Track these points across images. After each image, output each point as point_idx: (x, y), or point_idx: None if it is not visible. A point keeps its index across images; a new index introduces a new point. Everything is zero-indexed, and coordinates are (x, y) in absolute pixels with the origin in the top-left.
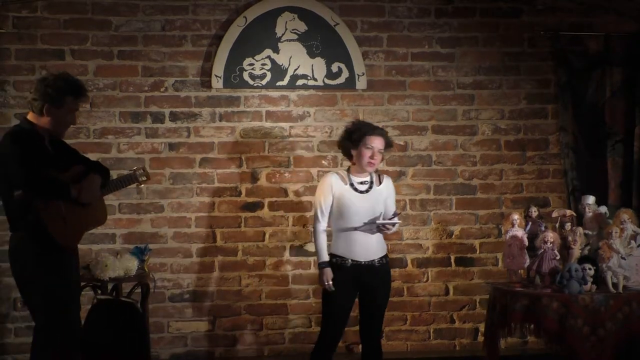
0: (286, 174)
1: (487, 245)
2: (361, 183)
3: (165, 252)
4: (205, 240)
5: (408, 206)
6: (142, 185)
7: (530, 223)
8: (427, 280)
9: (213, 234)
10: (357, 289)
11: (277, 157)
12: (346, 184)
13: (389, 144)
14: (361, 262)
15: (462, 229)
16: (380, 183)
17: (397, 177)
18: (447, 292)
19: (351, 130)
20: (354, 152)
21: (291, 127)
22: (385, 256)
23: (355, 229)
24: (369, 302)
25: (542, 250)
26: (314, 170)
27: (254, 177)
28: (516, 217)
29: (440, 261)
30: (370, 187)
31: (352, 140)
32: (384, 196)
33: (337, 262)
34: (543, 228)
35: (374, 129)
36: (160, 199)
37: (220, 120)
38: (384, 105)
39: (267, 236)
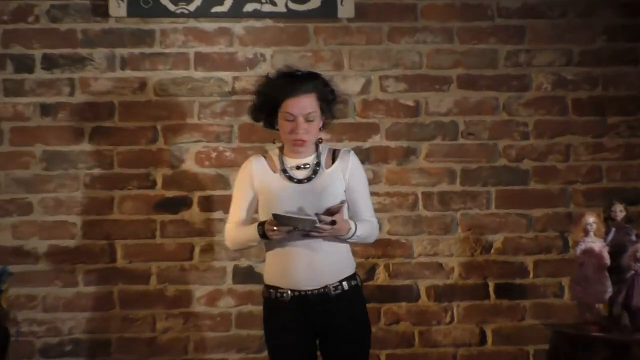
0: (227, 153)
1: (545, 264)
2: (298, 167)
3: (34, 277)
4: (99, 259)
5: (420, 203)
6: None
7: (613, 230)
8: (451, 321)
9: (111, 248)
10: (313, 336)
11: (214, 126)
12: (276, 171)
13: (327, 97)
14: (306, 291)
15: (507, 240)
16: (332, 162)
17: (402, 157)
18: (483, 340)
19: (261, 93)
20: (274, 129)
21: (236, 78)
22: (353, 277)
23: (293, 240)
24: (330, 356)
25: (633, 272)
26: (273, 148)
27: (176, 159)
28: (592, 220)
29: (471, 290)
30: (315, 172)
31: (265, 110)
32: (340, 183)
33: (270, 297)
34: (634, 237)
35: (293, 84)
36: (27, 193)
37: (122, 69)
38: (383, 43)
39: (196, 252)
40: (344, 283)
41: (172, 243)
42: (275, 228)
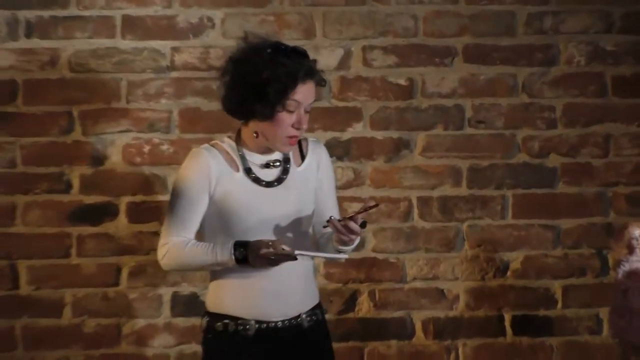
0: (164, 147)
1: (578, 291)
2: (267, 165)
3: None
4: None
5: (415, 212)
6: None
7: None
8: None
9: (12, 270)
10: None
11: (147, 112)
12: (238, 170)
13: (319, 84)
14: (275, 322)
15: (528, 259)
16: (303, 158)
17: (392, 151)
18: None
19: (255, 71)
20: (260, 121)
21: (175, 50)
22: (320, 306)
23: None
24: None
25: None
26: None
27: (98, 154)
28: (638, 233)
29: (482, 325)
30: (286, 172)
31: (259, 96)
32: (313, 182)
33: (225, 331)
34: None
35: (307, 65)
36: None
37: (27, 36)
38: (366, 4)
39: (124, 275)
40: (317, 312)
41: (91, 264)
42: (272, 254)
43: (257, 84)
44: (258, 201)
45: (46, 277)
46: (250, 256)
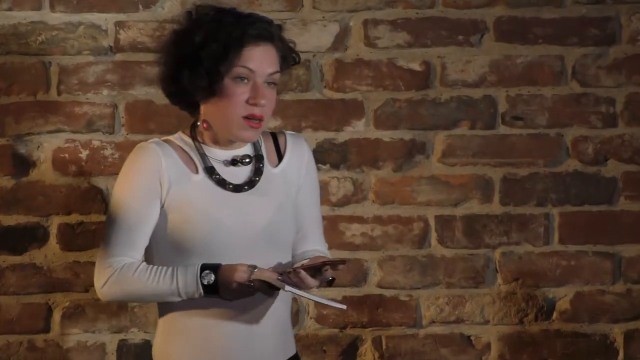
0: (107, 152)
1: None
2: (234, 162)
3: None
4: None
5: (432, 235)
6: None
7: None
8: None
9: None
10: None
11: (84, 106)
12: (197, 172)
13: (285, 56)
14: None
15: (579, 297)
16: (281, 155)
17: (402, 157)
18: None
19: (187, 37)
20: (205, 102)
21: (120, 25)
22: (297, 358)
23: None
24: None
25: None
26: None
27: (22, 161)
28: None
29: None
30: (258, 172)
31: (192, 65)
32: (293, 188)
33: None
34: None
35: (252, 25)
36: None
37: None
38: None
39: (55, 318)
40: None
41: (14, 303)
42: (252, 281)
43: (188, 52)
44: (223, 210)
45: None
46: (220, 284)
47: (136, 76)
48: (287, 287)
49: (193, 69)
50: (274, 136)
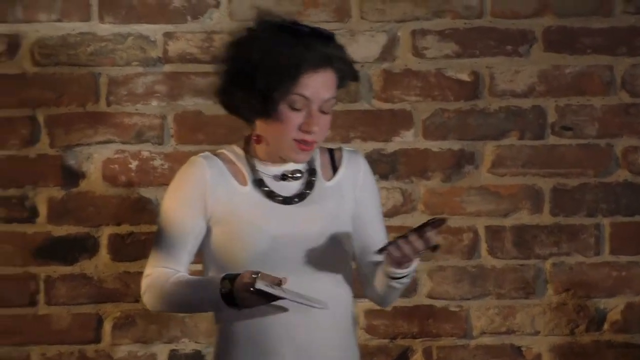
0: (157, 162)
1: None
2: (284, 177)
3: None
4: None
5: (482, 246)
6: None
7: None
8: None
9: None
10: None
11: (134, 117)
12: (245, 184)
13: (344, 76)
14: None
15: (631, 307)
16: (334, 170)
17: (451, 167)
18: None
19: (245, 52)
20: (261, 119)
21: (168, 36)
22: None
23: (272, 308)
24: None
25: None
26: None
27: (71, 172)
28: None
29: None
30: (310, 185)
31: (258, 89)
32: (349, 205)
33: None
34: None
35: (314, 49)
36: None
37: None
38: None
39: (106, 328)
40: None
41: (64, 314)
42: (256, 290)
43: (244, 70)
44: (271, 221)
45: (6, 332)
46: (235, 292)
47: (185, 87)
48: (283, 294)
49: (247, 90)
50: (331, 151)
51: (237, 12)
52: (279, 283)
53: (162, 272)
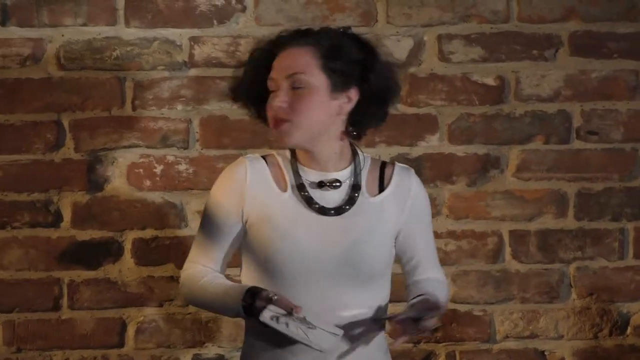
0: (182, 167)
1: None
2: (321, 185)
3: None
4: None
5: (507, 250)
6: None
7: None
8: None
9: None
10: None
11: (159, 121)
12: (285, 190)
13: (337, 56)
14: None
15: None
16: (383, 185)
17: (477, 171)
18: None
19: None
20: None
21: (194, 40)
22: None
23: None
24: None
25: None
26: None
27: (96, 176)
28: None
29: None
30: (352, 200)
31: (250, 84)
32: (393, 225)
33: None
34: None
35: (286, 36)
36: None
37: (3, 24)
38: None
39: (130, 333)
40: None
41: (88, 319)
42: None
43: (247, 70)
44: (303, 229)
45: (30, 336)
46: (259, 312)
47: (210, 91)
48: (285, 330)
49: (250, 89)
50: (383, 166)
51: (264, 17)
52: (290, 311)
53: (196, 271)
